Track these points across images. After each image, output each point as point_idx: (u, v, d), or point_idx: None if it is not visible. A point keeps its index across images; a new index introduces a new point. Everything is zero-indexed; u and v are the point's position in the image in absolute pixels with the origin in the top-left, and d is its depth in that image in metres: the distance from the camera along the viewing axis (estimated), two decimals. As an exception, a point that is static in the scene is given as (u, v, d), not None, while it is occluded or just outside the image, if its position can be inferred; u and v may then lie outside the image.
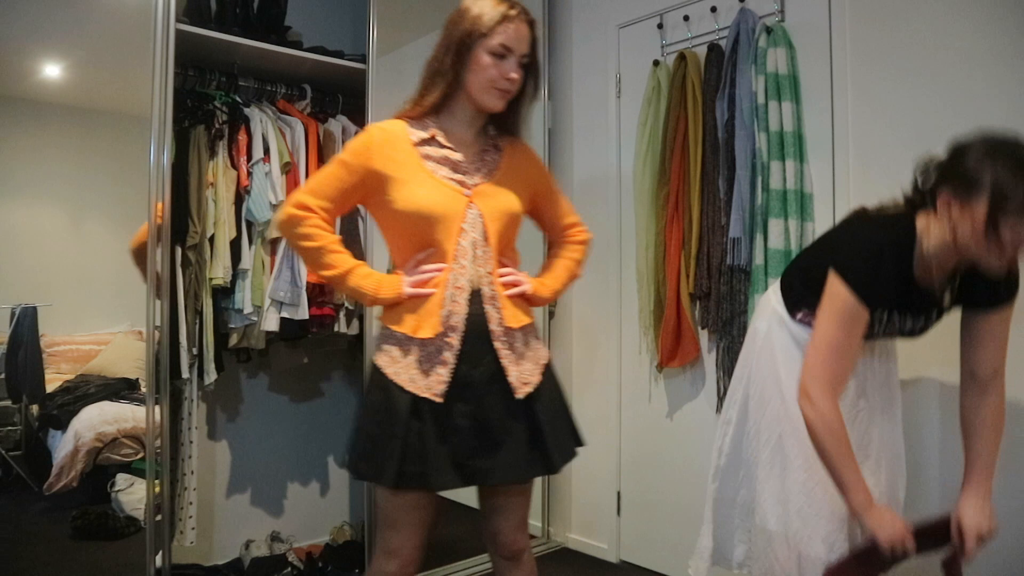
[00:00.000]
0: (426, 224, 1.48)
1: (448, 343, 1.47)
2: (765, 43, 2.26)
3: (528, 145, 1.69)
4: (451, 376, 1.46)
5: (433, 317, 1.47)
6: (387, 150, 1.50)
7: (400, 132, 1.53)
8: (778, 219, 2.19)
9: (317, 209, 1.50)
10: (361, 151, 1.51)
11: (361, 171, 1.50)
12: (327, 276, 1.54)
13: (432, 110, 1.54)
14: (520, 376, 1.53)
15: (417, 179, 1.49)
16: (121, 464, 2.45)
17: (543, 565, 1.76)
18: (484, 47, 1.48)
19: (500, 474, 1.49)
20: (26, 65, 2.29)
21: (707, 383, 2.54)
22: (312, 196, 1.51)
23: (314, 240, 1.50)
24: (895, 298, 1.46)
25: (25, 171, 2.28)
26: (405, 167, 1.49)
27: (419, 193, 1.48)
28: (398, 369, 1.47)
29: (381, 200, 1.51)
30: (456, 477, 1.46)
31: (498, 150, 1.62)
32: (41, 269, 2.27)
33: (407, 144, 1.52)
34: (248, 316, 2.29)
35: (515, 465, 1.50)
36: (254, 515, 2.60)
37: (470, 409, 1.47)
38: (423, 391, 1.45)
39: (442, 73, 1.51)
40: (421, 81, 1.55)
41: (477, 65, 1.49)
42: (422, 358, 1.47)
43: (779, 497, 1.59)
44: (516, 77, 1.51)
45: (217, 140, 2.26)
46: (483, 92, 1.51)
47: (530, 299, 1.66)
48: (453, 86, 1.51)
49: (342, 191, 1.52)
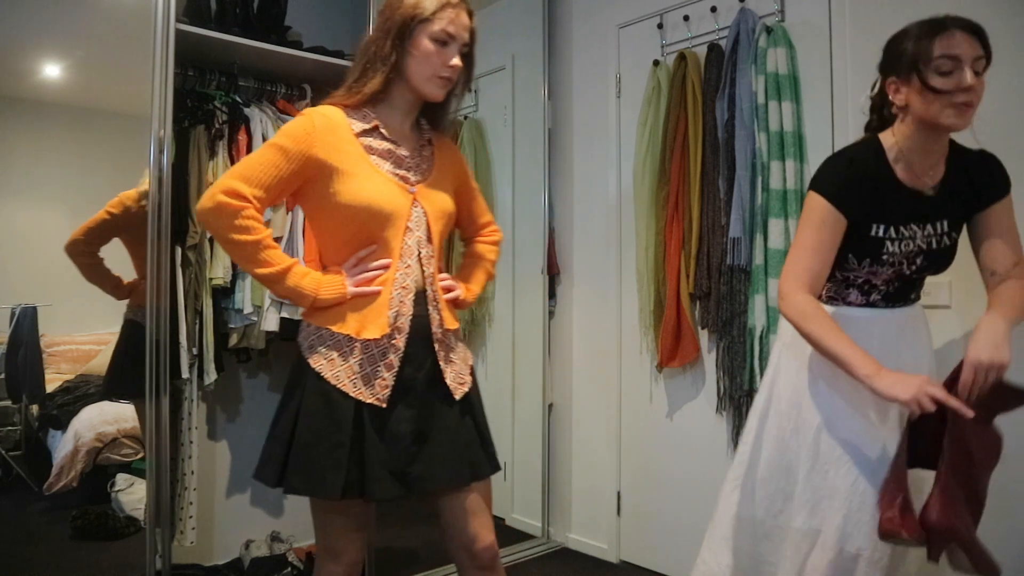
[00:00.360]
0: (373, 221, 1.41)
1: (394, 345, 1.41)
2: (765, 43, 2.26)
3: (450, 141, 1.65)
4: (395, 380, 1.41)
5: (381, 317, 1.41)
6: (329, 138, 1.41)
7: (341, 120, 1.44)
8: (778, 219, 2.19)
9: (251, 198, 1.36)
10: (302, 137, 1.39)
11: (301, 158, 1.39)
12: (262, 274, 1.40)
13: (370, 99, 1.46)
14: (456, 377, 1.50)
15: (363, 172, 1.41)
16: (121, 464, 2.45)
17: (543, 565, 1.76)
18: (426, 33, 1.42)
19: (444, 479, 1.44)
20: (26, 65, 2.29)
21: (707, 383, 2.54)
22: (245, 183, 1.36)
23: (251, 234, 1.36)
24: (881, 203, 1.49)
25: (25, 171, 2.28)
26: (349, 158, 1.41)
27: (367, 187, 1.40)
28: (338, 373, 1.39)
29: (321, 191, 1.41)
30: (397, 485, 1.40)
31: (431, 145, 1.57)
32: (41, 269, 2.27)
33: (349, 133, 1.43)
34: (248, 316, 2.29)
35: (459, 468, 1.46)
36: (254, 515, 2.60)
37: (412, 414, 1.43)
38: (367, 397, 1.39)
39: (382, 59, 1.43)
40: (357, 67, 1.48)
41: (419, 51, 1.43)
42: (364, 361, 1.40)
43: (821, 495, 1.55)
44: (459, 64, 1.46)
45: (217, 140, 2.26)
46: (425, 80, 1.45)
47: (459, 304, 1.60)
48: (393, 73, 1.44)
49: (278, 179, 1.39)
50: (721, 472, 2.47)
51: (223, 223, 1.36)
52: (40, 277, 2.30)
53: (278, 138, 1.42)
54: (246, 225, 1.36)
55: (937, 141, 1.49)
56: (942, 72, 1.38)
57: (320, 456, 1.36)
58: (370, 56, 1.45)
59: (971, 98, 1.39)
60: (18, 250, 2.25)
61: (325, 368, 1.39)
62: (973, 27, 1.40)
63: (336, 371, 1.39)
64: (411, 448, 1.42)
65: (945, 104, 1.39)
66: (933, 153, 1.50)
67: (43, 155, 2.32)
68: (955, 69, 1.38)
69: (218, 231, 1.39)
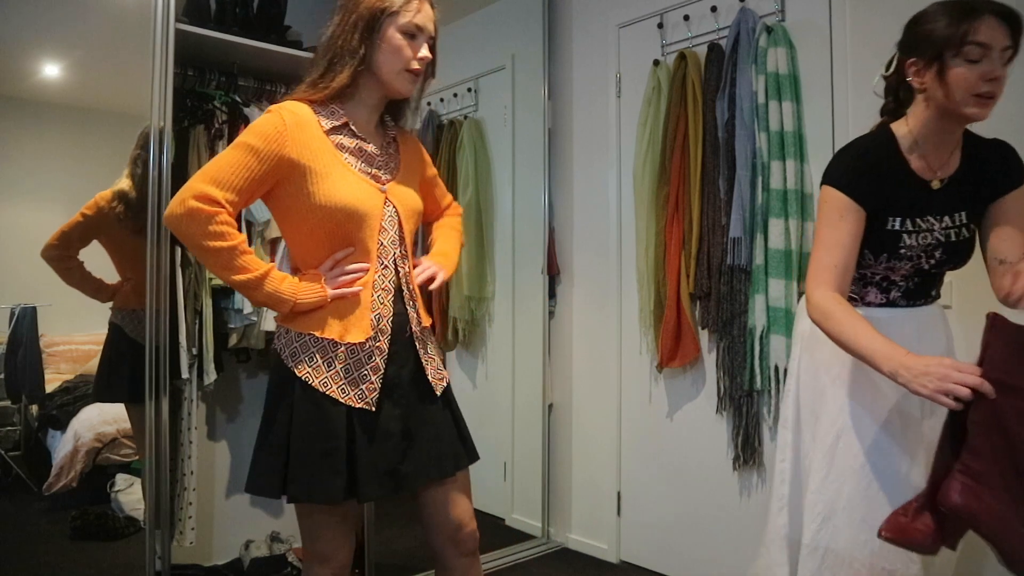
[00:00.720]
0: (349, 221, 1.38)
1: (378, 347, 1.41)
2: (765, 43, 2.26)
3: (412, 135, 1.63)
4: (381, 382, 1.41)
5: (363, 321, 1.40)
6: (300, 135, 1.36)
7: (309, 117, 1.40)
8: (779, 219, 2.19)
9: (224, 203, 1.31)
10: (273, 136, 1.34)
11: (273, 159, 1.34)
12: (239, 281, 1.35)
13: (338, 94, 1.42)
14: (435, 373, 1.51)
15: (336, 171, 1.38)
16: (121, 464, 2.45)
17: (543, 565, 1.76)
18: (395, 25, 1.40)
19: (433, 474, 1.46)
20: (25, 65, 2.29)
21: (707, 383, 2.54)
22: (216, 187, 1.31)
23: (224, 239, 1.31)
24: (895, 194, 1.44)
25: (24, 171, 2.27)
26: (321, 157, 1.37)
27: (341, 187, 1.37)
28: (326, 380, 1.37)
29: (293, 192, 1.37)
30: (388, 485, 1.40)
31: (395, 142, 1.56)
32: (41, 269, 2.27)
33: (318, 131, 1.39)
34: (248, 316, 2.29)
35: (443, 461, 1.47)
36: (254, 515, 2.60)
37: (400, 412, 1.43)
38: (355, 401, 1.38)
39: (350, 52, 1.39)
40: (321, 61, 1.44)
41: (388, 45, 1.40)
42: (351, 365, 1.39)
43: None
44: (428, 56, 1.44)
45: (217, 140, 2.26)
46: (396, 74, 1.42)
47: (445, 279, 1.60)
48: (362, 67, 1.40)
49: (250, 181, 1.33)
50: (721, 472, 2.48)
51: (196, 229, 1.30)
52: (40, 277, 2.30)
53: (248, 137, 1.35)
54: (220, 231, 1.31)
55: (954, 131, 1.44)
56: (970, 59, 1.31)
57: (318, 463, 1.36)
58: (336, 50, 1.41)
59: (995, 89, 1.33)
60: (18, 250, 2.24)
61: (312, 376, 1.37)
62: (1008, 13, 1.32)
63: (323, 378, 1.38)
64: (401, 445, 1.43)
65: (968, 93, 1.33)
66: (948, 143, 1.45)
67: (43, 155, 2.32)
68: (983, 57, 1.31)
69: (191, 238, 1.32)
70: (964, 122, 1.41)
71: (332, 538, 1.45)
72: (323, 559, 1.46)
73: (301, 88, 1.45)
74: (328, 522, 1.45)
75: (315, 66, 1.45)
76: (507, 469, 3.22)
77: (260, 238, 2.31)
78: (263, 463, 1.40)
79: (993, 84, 1.32)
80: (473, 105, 3.37)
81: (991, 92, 1.33)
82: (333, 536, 1.45)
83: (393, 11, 1.40)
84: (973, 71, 1.31)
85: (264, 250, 2.32)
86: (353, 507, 1.49)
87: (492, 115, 3.33)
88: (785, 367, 2.20)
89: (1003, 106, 1.39)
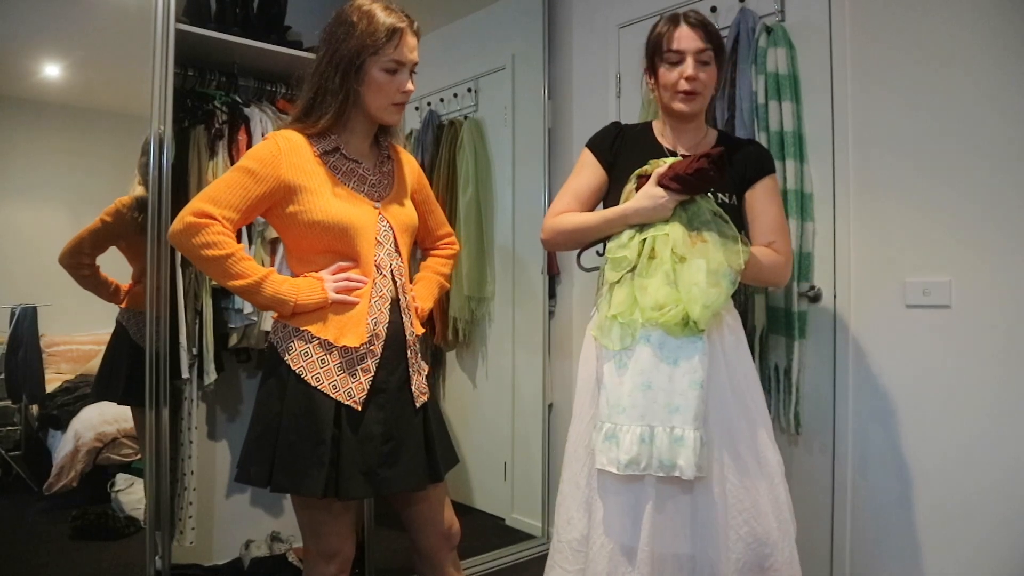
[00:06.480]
0: (343, 236, 1.45)
1: (372, 351, 1.46)
2: (765, 43, 2.26)
3: (406, 151, 1.70)
4: (370, 384, 1.45)
5: (360, 327, 1.45)
6: (294, 159, 1.46)
7: (302, 143, 1.49)
8: (778, 219, 2.19)
9: (220, 218, 1.41)
10: (269, 160, 1.44)
11: (270, 180, 1.43)
12: (239, 286, 1.43)
13: (326, 131, 1.50)
14: (419, 386, 1.55)
15: (329, 190, 1.46)
16: (121, 464, 2.45)
17: (543, 565, 1.77)
18: (376, 65, 1.45)
19: (410, 483, 1.49)
20: (25, 65, 2.29)
21: (707, 383, 2.54)
22: (214, 205, 1.41)
23: (220, 248, 1.40)
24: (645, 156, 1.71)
25: (24, 171, 2.28)
26: (314, 178, 1.46)
27: (334, 204, 1.45)
28: (319, 375, 1.43)
29: (290, 212, 1.46)
30: (367, 486, 1.43)
31: (390, 160, 1.62)
32: (41, 269, 2.27)
33: (311, 155, 1.48)
34: (248, 316, 2.29)
35: (416, 472, 1.50)
36: (254, 515, 2.60)
37: (383, 416, 1.46)
38: (344, 398, 1.42)
39: (332, 92, 1.46)
40: (309, 97, 1.50)
41: (372, 83, 1.46)
42: (343, 364, 1.44)
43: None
44: (412, 89, 1.50)
45: (217, 140, 2.26)
46: (382, 110, 1.50)
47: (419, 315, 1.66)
48: (346, 104, 1.47)
49: (248, 200, 1.43)
50: (721, 472, 2.47)
51: (193, 241, 1.39)
52: (40, 277, 2.30)
53: (246, 162, 1.46)
54: (216, 240, 1.39)
55: (683, 125, 1.72)
56: (671, 64, 1.64)
57: (304, 454, 1.40)
58: (318, 88, 1.48)
59: (694, 87, 1.62)
60: (18, 250, 2.25)
61: (307, 369, 1.43)
62: (699, 22, 1.63)
63: (316, 373, 1.42)
64: (381, 448, 1.45)
65: (673, 92, 1.64)
66: (687, 133, 1.74)
67: (43, 155, 2.32)
68: (680, 61, 1.61)
69: (189, 250, 1.42)
70: (680, 117, 1.70)
71: (335, 533, 1.48)
72: (327, 556, 1.48)
73: (294, 120, 1.52)
74: (327, 519, 1.47)
75: (303, 96, 1.52)
76: (507, 469, 3.22)
77: (260, 238, 2.32)
78: (251, 453, 1.46)
79: (691, 83, 1.62)
80: (473, 105, 3.37)
81: (690, 90, 1.63)
82: (336, 531, 1.48)
83: (374, 51, 1.44)
84: (674, 73, 1.63)
85: (264, 250, 2.32)
86: (350, 504, 1.51)
87: (492, 115, 3.33)
88: (785, 367, 2.20)
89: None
